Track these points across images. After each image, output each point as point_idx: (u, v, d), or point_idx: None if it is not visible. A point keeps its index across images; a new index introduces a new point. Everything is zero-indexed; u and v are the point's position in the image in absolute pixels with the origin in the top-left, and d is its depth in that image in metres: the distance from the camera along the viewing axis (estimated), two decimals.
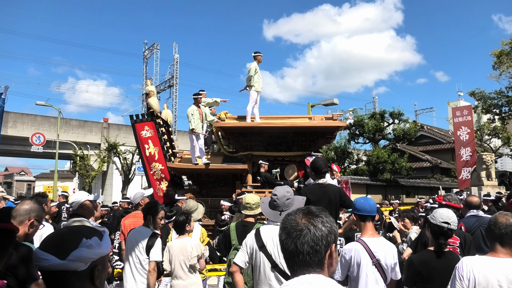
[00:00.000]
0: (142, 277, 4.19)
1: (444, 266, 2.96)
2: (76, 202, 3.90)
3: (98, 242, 1.42)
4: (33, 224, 2.70)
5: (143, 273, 4.19)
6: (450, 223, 3.06)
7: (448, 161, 28.59)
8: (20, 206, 2.75)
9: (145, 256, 4.16)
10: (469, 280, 2.41)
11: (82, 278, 1.38)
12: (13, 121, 31.43)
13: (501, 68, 20.99)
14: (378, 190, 23.54)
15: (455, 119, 17.75)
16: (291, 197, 3.04)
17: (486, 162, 14.55)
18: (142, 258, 4.18)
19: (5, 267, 2.32)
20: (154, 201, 4.97)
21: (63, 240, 1.39)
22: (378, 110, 29.52)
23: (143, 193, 6.08)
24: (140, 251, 4.18)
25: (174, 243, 4.55)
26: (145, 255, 4.16)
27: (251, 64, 9.94)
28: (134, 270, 4.21)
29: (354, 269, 3.09)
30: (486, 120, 23.46)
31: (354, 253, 3.11)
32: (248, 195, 4.32)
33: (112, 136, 30.46)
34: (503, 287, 2.34)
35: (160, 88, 37.30)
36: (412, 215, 5.65)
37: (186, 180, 11.84)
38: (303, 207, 1.45)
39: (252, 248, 3.09)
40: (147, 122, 10.83)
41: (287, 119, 10.56)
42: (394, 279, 3.18)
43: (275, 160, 10.44)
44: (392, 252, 3.17)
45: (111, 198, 27.86)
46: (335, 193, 4.50)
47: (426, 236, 3.76)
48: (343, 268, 3.16)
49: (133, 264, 4.22)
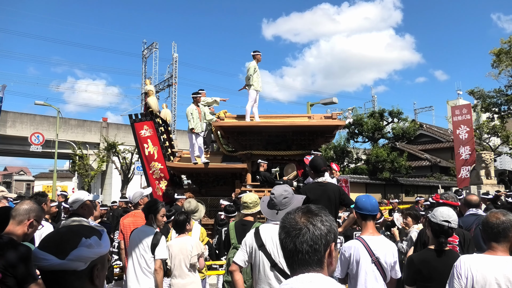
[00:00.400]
0: (146, 276, 4.15)
1: (444, 265, 2.96)
2: (77, 202, 3.88)
3: (98, 242, 1.41)
4: (32, 224, 2.69)
5: (148, 273, 4.15)
6: (451, 221, 3.05)
7: (447, 160, 28.61)
8: (19, 206, 2.74)
9: (151, 254, 4.14)
10: (467, 278, 2.43)
11: (81, 278, 1.37)
12: (12, 120, 31.41)
13: (500, 67, 21.00)
14: (377, 189, 23.54)
15: (454, 118, 17.76)
16: (288, 196, 3.03)
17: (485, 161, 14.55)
18: (148, 256, 4.15)
19: (4, 267, 2.31)
20: (154, 199, 4.96)
21: (62, 239, 1.38)
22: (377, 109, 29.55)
23: (142, 192, 6.06)
24: (145, 249, 4.16)
25: (174, 242, 4.54)
26: (150, 254, 4.14)
27: (250, 63, 9.94)
28: (137, 270, 4.17)
29: (354, 266, 3.09)
30: (485, 118, 23.50)
31: (353, 251, 3.11)
32: (246, 194, 4.32)
33: (111, 136, 30.45)
34: (500, 285, 2.36)
35: (159, 88, 37.27)
36: (414, 213, 5.64)
37: (185, 179, 11.84)
38: (302, 206, 1.45)
39: (252, 247, 3.09)
40: (146, 121, 10.83)
41: (286, 118, 10.57)
42: (394, 278, 3.17)
43: (275, 159, 10.45)
44: (392, 250, 3.17)
45: (110, 198, 27.83)
46: (335, 192, 4.50)
47: (426, 235, 3.76)
48: (343, 266, 3.16)
49: (137, 263, 4.18)
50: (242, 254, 3.12)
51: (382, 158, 22.85)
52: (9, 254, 2.35)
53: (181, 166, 10.43)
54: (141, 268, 4.17)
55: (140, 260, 4.18)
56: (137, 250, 4.20)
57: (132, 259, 4.23)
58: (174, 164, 10.44)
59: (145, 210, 4.41)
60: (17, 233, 2.62)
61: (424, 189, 25.55)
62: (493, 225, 2.54)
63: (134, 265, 4.21)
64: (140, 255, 4.18)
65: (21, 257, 2.38)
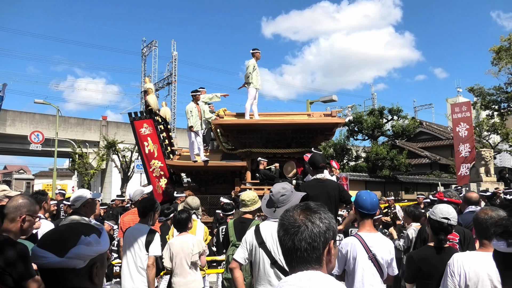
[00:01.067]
0: (140, 274, 4.14)
1: (444, 262, 2.96)
2: (79, 200, 3.85)
3: (97, 239, 1.41)
4: (25, 219, 2.65)
5: (142, 270, 4.14)
6: (450, 218, 3.06)
7: (447, 157, 28.61)
8: (9, 203, 2.68)
9: (145, 252, 4.13)
10: (460, 275, 2.46)
11: (80, 276, 1.37)
12: (12, 119, 31.38)
13: (500, 64, 20.96)
14: (377, 186, 23.52)
15: (454, 115, 17.76)
16: (286, 193, 3.03)
17: (485, 158, 14.56)
18: (142, 254, 4.14)
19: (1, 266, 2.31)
20: (150, 197, 4.95)
21: (61, 237, 1.38)
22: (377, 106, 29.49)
23: (143, 190, 6.08)
24: (140, 247, 4.15)
25: (175, 241, 4.53)
26: (145, 251, 4.13)
27: (249, 61, 9.92)
28: (132, 268, 4.17)
29: (351, 263, 3.10)
30: (485, 116, 23.43)
31: (350, 248, 3.12)
32: (245, 192, 4.32)
33: (111, 134, 30.44)
34: (493, 280, 2.38)
35: (158, 86, 37.23)
36: (414, 211, 5.61)
37: (185, 177, 11.85)
38: (302, 203, 1.44)
39: (252, 245, 3.09)
40: (146, 119, 10.84)
41: (286, 116, 10.55)
42: (391, 275, 3.18)
43: (274, 157, 10.44)
44: (389, 247, 3.18)
45: (110, 196, 27.82)
46: (334, 189, 4.50)
47: (425, 232, 3.76)
48: (340, 263, 3.17)
49: (132, 261, 4.18)
50: (242, 252, 3.12)
51: (381, 156, 22.85)
52: (6, 253, 2.35)
53: (181, 164, 10.42)
54: (136, 266, 4.16)
55: (135, 258, 4.17)
56: (132, 248, 4.19)
57: (127, 257, 4.22)
58: (174, 162, 10.44)
59: (144, 208, 4.36)
60: (12, 230, 2.61)
61: (424, 186, 25.54)
62: (481, 220, 2.56)
63: (129, 263, 4.20)
64: (135, 253, 4.17)
65: (17, 255, 2.37)
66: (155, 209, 4.37)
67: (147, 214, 4.31)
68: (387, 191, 23.51)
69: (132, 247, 4.19)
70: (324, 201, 4.26)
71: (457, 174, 17.65)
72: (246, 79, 9.94)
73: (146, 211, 4.32)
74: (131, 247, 4.20)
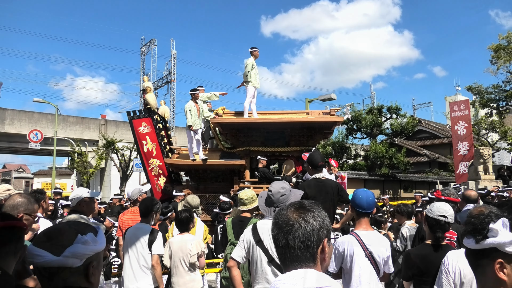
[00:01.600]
0: (144, 273, 4.14)
1: (441, 260, 2.97)
2: (75, 199, 3.85)
3: (94, 238, 1.40)
4: (22, 218, 2.63)
5: (146, 269, 4.14)
6: (447, 216, 3.07)
7: (446, 156, 28.63)
8: (7, 202, 2.65)
9: (148, 251, 4.14)
10: (454, 273, 2.46)
11: (77, 275, 1.37)
12: (10, 118, 31.32)
13: (498, 63, 20.97)
14: (376, 185, 23.56)
15: (452, 114, 17.76)
16: (286, 193, 3.03)
17: (483, 156, 14.59)
18: (145, 253, 4.14)
19: None
20: (151, 197, 4.96)
21: (57, 236, 1.37)
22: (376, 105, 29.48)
23: (141, 189, 6.07)
24: (143, 246, 4.15)
25: (174, 240, 4.52)
26: (148, 250, 4.14)
27: (248, 60, 9.91)
28: (135, 267, 4.16)
29: (347, 261, 3.11)
30: (483, 114, 23.44)
31: (347, 245, 3.13)
32: (243, 190, 4.31)
33: (110, 133, 30.37)
34: None
35: (157, 84, 37.20)
36: (406, 209, 5.65)
37: (184, 176, 11.85)
38: (295, 201, 1.44)
39: (249, 243, 3.10)
40: (145, 118, 10.83)
41: (285, 114, 10.55)
42: (387, 272, 3.20)
43: (273, 156, 10.44)
44: (385, 245, 3.19)
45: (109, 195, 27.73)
46: (333, 188, 4.51)
47: (423, 231, 3.77)
48: (337, 260, 3.18)
49: (134, 260, 4.17)
50: (240, 250, 3.13)
51: (380, 154, 22.87)
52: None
53: (180, 163, 10.43)
54: (139, 265, 4.15)
55: (138, 257, 4.16)
56: (134, 247, 4.18)
57: (129, 256, 4.21)
58: (173, 161, 10.44)
59: (146, 208, 4.35)
60: None
61: (422, 184, 25.57)
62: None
63: (132, 262, 4.19)
64: (138, 253, 4.16)
65: None
66: (157, 209, 4.37)
67: (149, 214, 4.31)
68: (386, 190, 23.54)
69: (134, 246, 4.18)
70: (322, 200, 4.28)
71: (455, 172, 17.67)
72: (244, 77, 9.93)
73: (148, 212, 4.32)
74: (134, 246, 4.19)
